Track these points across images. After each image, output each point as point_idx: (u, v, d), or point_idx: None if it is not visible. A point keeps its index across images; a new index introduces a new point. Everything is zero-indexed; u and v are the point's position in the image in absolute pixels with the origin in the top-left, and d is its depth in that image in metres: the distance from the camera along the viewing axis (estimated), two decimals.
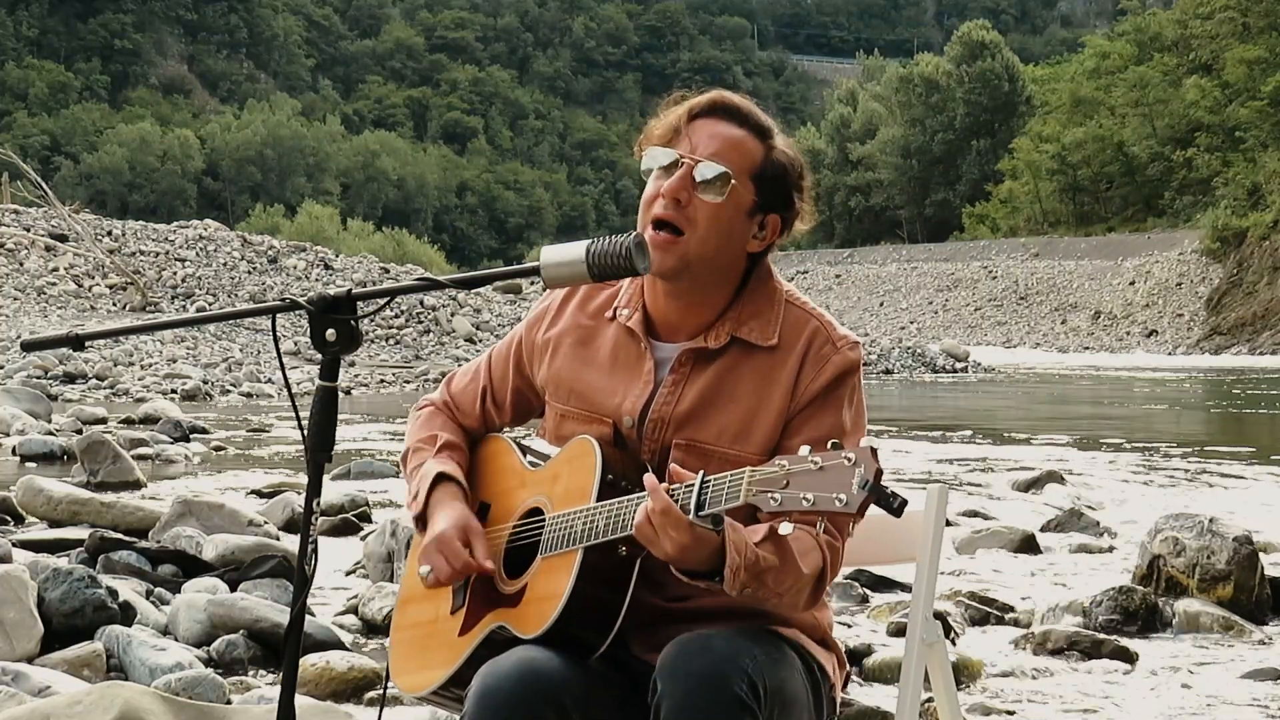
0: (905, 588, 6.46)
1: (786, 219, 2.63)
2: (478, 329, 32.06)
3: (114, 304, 31.92)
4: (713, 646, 2.36)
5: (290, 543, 6.73)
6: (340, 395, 2.39)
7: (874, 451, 2.18)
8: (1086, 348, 63.67)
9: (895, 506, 2.17)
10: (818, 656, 2.61)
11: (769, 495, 2.23)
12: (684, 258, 2.55)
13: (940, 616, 5.09)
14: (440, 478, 2.70)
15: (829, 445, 2.22)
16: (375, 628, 5.65)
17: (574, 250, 2.36)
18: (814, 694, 2.55)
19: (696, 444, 2.57)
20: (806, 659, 2.56)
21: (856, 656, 5.18)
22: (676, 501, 2.34)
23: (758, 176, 2.58)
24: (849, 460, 2.18)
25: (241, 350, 27.03)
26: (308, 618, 4.02)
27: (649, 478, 2.37)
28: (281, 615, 5.06)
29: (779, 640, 2.52)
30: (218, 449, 13.11)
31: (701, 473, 2.35)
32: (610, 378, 2.66)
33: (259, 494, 9.69)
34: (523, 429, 2.93)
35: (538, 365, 2.77)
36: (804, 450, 2.23)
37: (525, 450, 2.75)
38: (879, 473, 2.17)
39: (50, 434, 12.61)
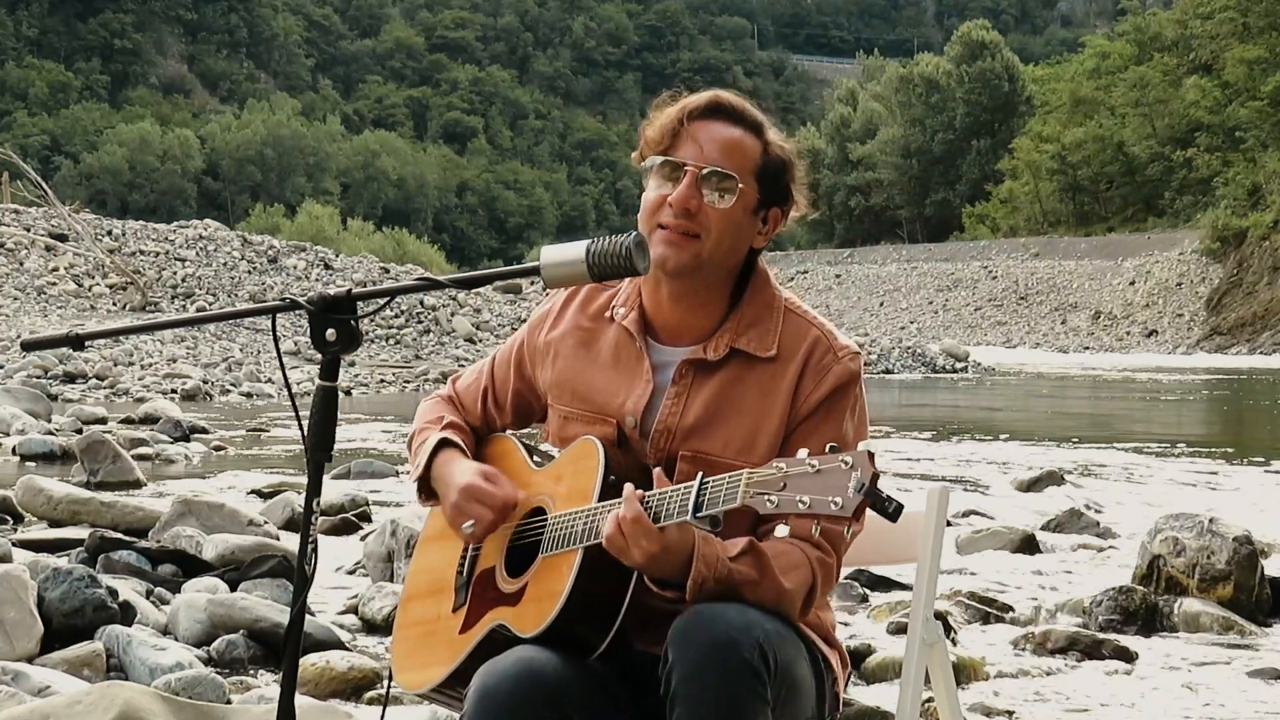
0: (905, 588, 6.46)
1: (785, 211, 2.66)
2: (478, 329, 32.06)
3: (114, 304, 31.90)
4: (725, 616, 2.36)
5: (290, 542, 6.72)
6: (340, 395, 2.39)
7: (871, 456, 2.18)
8: (1086, 348, 63.64)
9: (890, 511, 2.17)
10: (823, 650, 2.61)
11: (765, 497, 2.23)
12: (698, 257, 2.57)
13: (940, 616, 5.09)
14: (443, 443, 2.73)
15: (827, 448, 2.22)
16: (375, 627, 5.65)
17: (574, 250, 2.36)
18: (818, 685, 2.55)
19: (702, 455, 2.58)
20: (813, 649, 2.57)
21: (856, 656, 5.17)
22: (675, 503, 2.35)
23: (760, 174, 2.60)
24: (846, 464, 2.18)
25: (241, 350, 27.02)
26: (308, 617, 4.01)
27: (628, 486, 2.39)
28: (281, 615, 5.06)
29: (788, 625, 2.52)
30: (218, 449, 13.11)
31: (700, 474, 2.36)
32: (611, 379, 2.68)
33: (259, 494, 9.69)
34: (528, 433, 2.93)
35: (539, 368, 2.79)
36: (802, 453, 2.24)
37: (531, 450, 2.76)
38: (875, 476, 2.17)
39: (50, 434, 12.60)
